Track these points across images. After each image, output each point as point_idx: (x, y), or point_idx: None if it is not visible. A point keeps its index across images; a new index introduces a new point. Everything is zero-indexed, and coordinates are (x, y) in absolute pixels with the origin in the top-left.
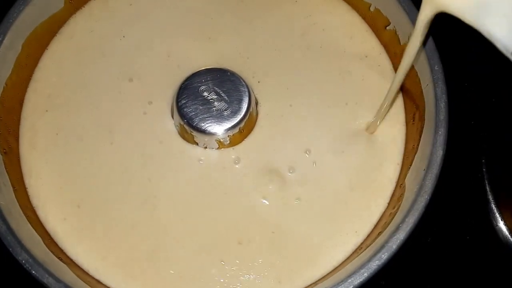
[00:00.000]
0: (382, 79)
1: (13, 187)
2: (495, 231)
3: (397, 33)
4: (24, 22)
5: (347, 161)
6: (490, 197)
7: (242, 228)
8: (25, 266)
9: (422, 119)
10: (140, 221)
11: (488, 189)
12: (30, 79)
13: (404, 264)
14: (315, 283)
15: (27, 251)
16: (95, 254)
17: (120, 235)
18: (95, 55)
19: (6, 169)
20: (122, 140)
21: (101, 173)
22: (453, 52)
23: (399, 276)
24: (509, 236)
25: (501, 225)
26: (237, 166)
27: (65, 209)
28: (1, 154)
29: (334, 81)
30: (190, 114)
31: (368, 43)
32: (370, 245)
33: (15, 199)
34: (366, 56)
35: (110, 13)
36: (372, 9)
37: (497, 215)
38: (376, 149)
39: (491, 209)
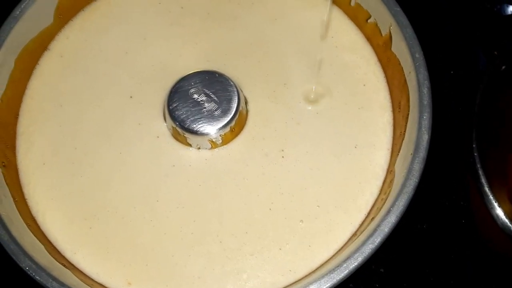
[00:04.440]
0: (367, 68)
1: (14, 198)
2: (490, 214)
3: (377, 25)
4: (16, 38)
5: (339, 150)
6: (483, 181)
7: (245, 221)
8: (28, 272)
9: (407, 106)
10: (139, 224)
11: (480, 173)
12: (24, 94)
13: (402, 251)
14: (313, 271)
15: (30, 258)
16: (94, 259)
17: (119, 239)
18: (84, 67)
19: (5, 181)
20: (117, 146)
21: (98, 180)
22: (436, 40)
23: (398, 263)
24: (505, 220)
25: (497, 207)
26: (231, 163)
27: (63, 217)
28: (0, 168)
29: (321, 74)
30: (182, 117)
31: (351, 36)
32: (363, 231)
33: (16, 210)
34: (351, 49)
35: (97, 26)
36: (352, 3)
37: (491, 197)
38: (366, 138)
39: (485, 192)
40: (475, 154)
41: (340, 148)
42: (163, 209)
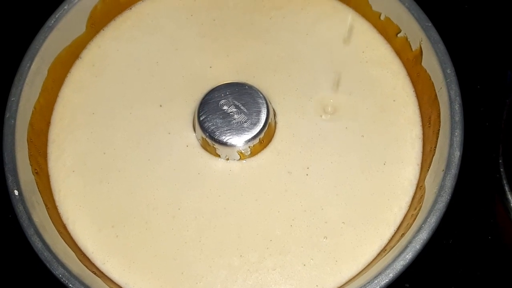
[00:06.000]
0: (396, 83)
1: (46, 206)
2: None
3: (408, 39)
4: (50, 47)
5: (367, 167)
6: (510, 197)
7: (266, 236)
8: (62, 280)
9: (437, 121)
10: (161, 233)
11: (507, 189)
12: (56, 102)
13: (427, 266)
14: (341, 286)
15: (63, 266)
16: (122, 268)
17: (143, 248)
18: (115, 76)
19: (38, 188)
20: (146, 153)
21: (125, 186)
22: (462, 55)
23: (423, 278)
24: None
25: None
26: (254, 177)
27: (91, 225)
28: (33, 174)
29: (350, 89)
30: (212, 128)
31: (380, 50)
32: (393, 246)
33: (48, 217)
34: (380, 63)
35: (128, 36)
36: (382, 18)
37: None
38: (395, 153)
39: (511, 208)
40: (501, 169)
41: (368, 165)
42: (184, 218)
